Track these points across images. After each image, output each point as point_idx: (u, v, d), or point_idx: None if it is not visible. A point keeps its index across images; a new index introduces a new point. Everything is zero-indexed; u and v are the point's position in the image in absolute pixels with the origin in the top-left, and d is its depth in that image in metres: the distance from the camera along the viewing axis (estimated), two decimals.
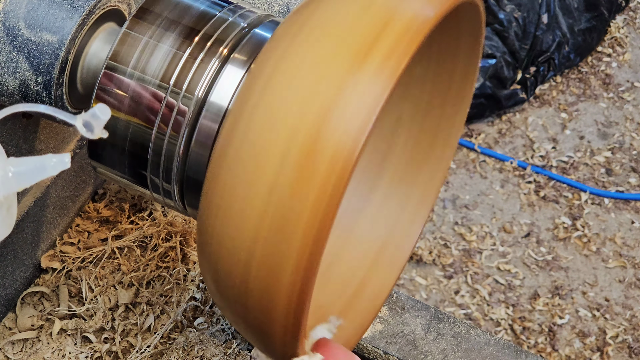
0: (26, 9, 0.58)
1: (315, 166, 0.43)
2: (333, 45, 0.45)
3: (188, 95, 0.55)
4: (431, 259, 1.85)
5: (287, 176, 0.44)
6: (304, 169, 0.44)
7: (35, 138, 0.69)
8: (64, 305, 0.75)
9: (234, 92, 0.54)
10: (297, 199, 0.44)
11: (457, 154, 2.08)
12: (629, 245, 1.92)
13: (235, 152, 0.46)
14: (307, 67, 0.45)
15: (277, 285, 0.46)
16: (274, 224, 0.44)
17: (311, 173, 0.43)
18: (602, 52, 2.33)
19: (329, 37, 0.46)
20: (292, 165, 0.44)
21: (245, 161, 0.45)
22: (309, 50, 0.46)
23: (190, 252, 0.78)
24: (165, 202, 0.60)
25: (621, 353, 1.74)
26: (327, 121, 0.43)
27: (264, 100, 0.45)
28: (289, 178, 0.44)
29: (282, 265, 0.45)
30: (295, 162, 0.44)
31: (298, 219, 0.44)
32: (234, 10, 0.58)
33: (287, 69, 0.46)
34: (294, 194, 0.44)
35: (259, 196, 0.45)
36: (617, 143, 2.12)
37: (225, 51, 0.55)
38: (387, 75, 0.44)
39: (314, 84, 0.44)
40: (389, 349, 0.74)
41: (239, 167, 0.45)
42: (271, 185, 0.44)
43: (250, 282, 0.47)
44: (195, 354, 0.71)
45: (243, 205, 0.45)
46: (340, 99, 0.44)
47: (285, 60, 0.46)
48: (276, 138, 0.44)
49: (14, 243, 0.72)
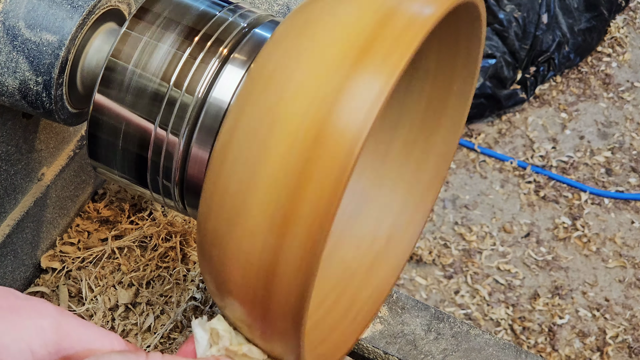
0: (26, 9, 0.58)
1: (316, 165, 0.43)
2: (333, 44, 0.45)
3: (188, 95, 0.55)
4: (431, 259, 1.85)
5: (288, 175, 0.44)
6: (305, 168, 0.44)
7: (35, 138, 0.69)
8: (64, 305, 0.75)
9: (234, 91, 0.54)
10: (298, 197, 0.44)
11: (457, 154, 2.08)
12: (629, 245, 1.92)
13: (235, 151, 0.46)
14: (307, 67, 0.45)
15: (277, 286, 0.46)
16: (275, 222, 0.44)
17: (312, 171, 0.43)
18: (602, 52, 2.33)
19: (329, 36, 0.46)
20: (293, 164, 0.44)
21: (245, 160, 0.45)
22: (309, 49, 0.46)
23: (190, 252, 0.78)
24: (165, 202, 0.60)
25: (621, 353, 1.74)
26: (328, 120, 0.43)
27: (265, 100, 0.45)
28: (290, 176, 0.44)
29: (282, 265, 0.45)
30: (296, 161, 0.44)
31: (299, 218, 0.44)
32: (234, 10, 0.58)
33: (287, 69, 0.46)
34: (295, 192, 0.44)
35: (259, 195, 0.45)
36: (617, 143, 2.12)
37: (225, 51, 0.55)
38: (389, 72, 0.44)
39: (315, 83, 0.44)
40: (389, 349, 0.74)
41: (240, 167, 0.45)
42: (272, 184, 0.44)
43: (250, 282, 0.47)
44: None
45: (243, 205, 0.45)
46: (341, 97, 0.44)
47: (285, 60, 0.46)
48: (276, 137, 0.44)
49: (14, 243, 0.72)
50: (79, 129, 0.76)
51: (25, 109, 0.62)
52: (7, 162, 0.67)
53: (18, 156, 0.68)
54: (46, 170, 0.73)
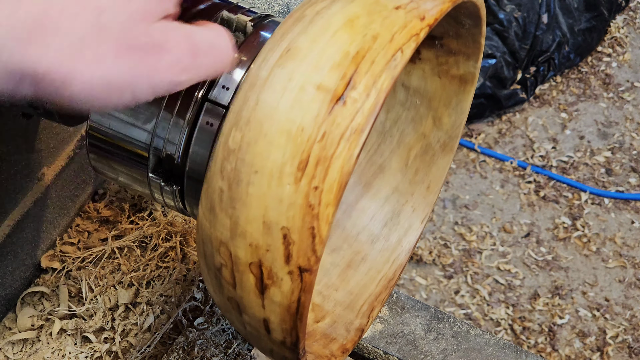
0: None
1: (316, 164, 0.44)
2: (333, 44, 0.45)
3: (188, 94, 0.55)
4: (431, 259, 1.86)
5: (288, 175, 0.44)
6: (304, 167, 0.44)
7: (35, 138, 0.69)
8: (64, 305, 0.75)
9: (234, 91, 0.54)
10: (298, 196, 0.44)
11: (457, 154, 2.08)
12: (629, 245, 1.92)
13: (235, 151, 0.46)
14: (307, 66, 0.45)
15: (277, 286, 0.46)
16: (274, 222, 0.44)
17: (311, 171, 0.44)
18: (602, 52, 2.33)
19: (329, 36, 0.46)
20: (293, 164, 0.44)
21: (244, 161, 0.45)
22: (308, 49, 0.46)
23: (190, 252, 0.78)
24: (165, 202, 0.60)
25: (621, 353, 1.75)
26: (328, 119, 0.44)
27: (264, 100, 0.45)
28: (290, 176, 0.44)
29: (281, 265, 0.45)
30: (296, 160, 0.44)
31: (298, 218, 0.44)
32: (234, 10, 0.58)
33: (286, 69, 0.46)
34: (294, 191, 0.44)
35: (259, 195, 0.45)
36: (617, 143, 2.12)
37: None
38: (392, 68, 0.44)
39: (315, 82, 0.44)
40: (389, 349, 0.74)
41: (239, 167, 0.45)
42: (271, 184, 0.44)
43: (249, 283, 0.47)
44: (195, 354, 0.71)
45: (243, 205, 0.45)
46: (341, 95, 0.44)
47: (285, 60, 0.46)
48: (276, 137, 0.44)
49: (14, 243, 0.72)
50: (79, 129, 0.76)
51: (25, 109, 0.62)
52: (7, 162, 0.67)
53: (18, 156, 0.68)
54: (46, 170, 0.73)
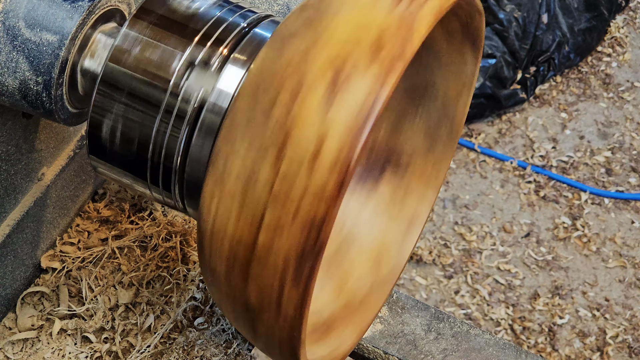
0: (26, 9, 0.58)
1: (315, 164, 0.44)
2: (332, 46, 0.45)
3: (188, 94, 0.55)
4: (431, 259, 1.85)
5: (288, 174, 0.44)
6: (304, 167, 0.44)
7: (35, 138, 0.69)
8: (64, 305, 0.75)
9: (234, 91, 0.54)
10: (297, 196, 0.44)
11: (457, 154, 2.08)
12: (629, 245, 1.92)
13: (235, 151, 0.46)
14: (306, 66, 0.45)
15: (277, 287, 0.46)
16: (273, 222, 0.44)
17: (311, 172, 0.43)
18: (602, 52, 2.33)
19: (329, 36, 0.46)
20: (292, 164, 0.44)
21: (245, 160, 0.45)
22: (308, 49, 0.46)
23: (190, 252, 0.78)
24: (165, 202, 0.60)
25: (621, 353, 1.75)
26: (328, 119, 0.43)
27: (264, 100, 0.45)
28: (289, 176, 0.44)
29: (281, 266, 0.45)
30: (296, 160, 0.44)
31: (297, 218, 0.44)
32: (233, 10, 0.58)
33: (286, 69, 0.46)
34: (294, 191, 0.44)
35: (259, 195, 0.45)
36: (617, 143, 2.12)
37: (225, 51, 0.55)
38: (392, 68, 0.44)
39: (314, 82, 0.44)
40: (389, 349, 0.74)
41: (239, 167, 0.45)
42: (271, 185, 0.44)
43: (249, 283, 0.47)
44: (195, 354, 0.71)
45: (243, 205, 0.45)
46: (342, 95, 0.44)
47: (284, 60, 0.46)
48: (276, 137, 0.44)
49: (14, 243, 0.72)
50: (79, 129, 0.76)
51: (25, 109, 0.62)
52: (7, 162, 0.67)
53: (18, 156, 0.68)
54: (46, 170, 0.73)
